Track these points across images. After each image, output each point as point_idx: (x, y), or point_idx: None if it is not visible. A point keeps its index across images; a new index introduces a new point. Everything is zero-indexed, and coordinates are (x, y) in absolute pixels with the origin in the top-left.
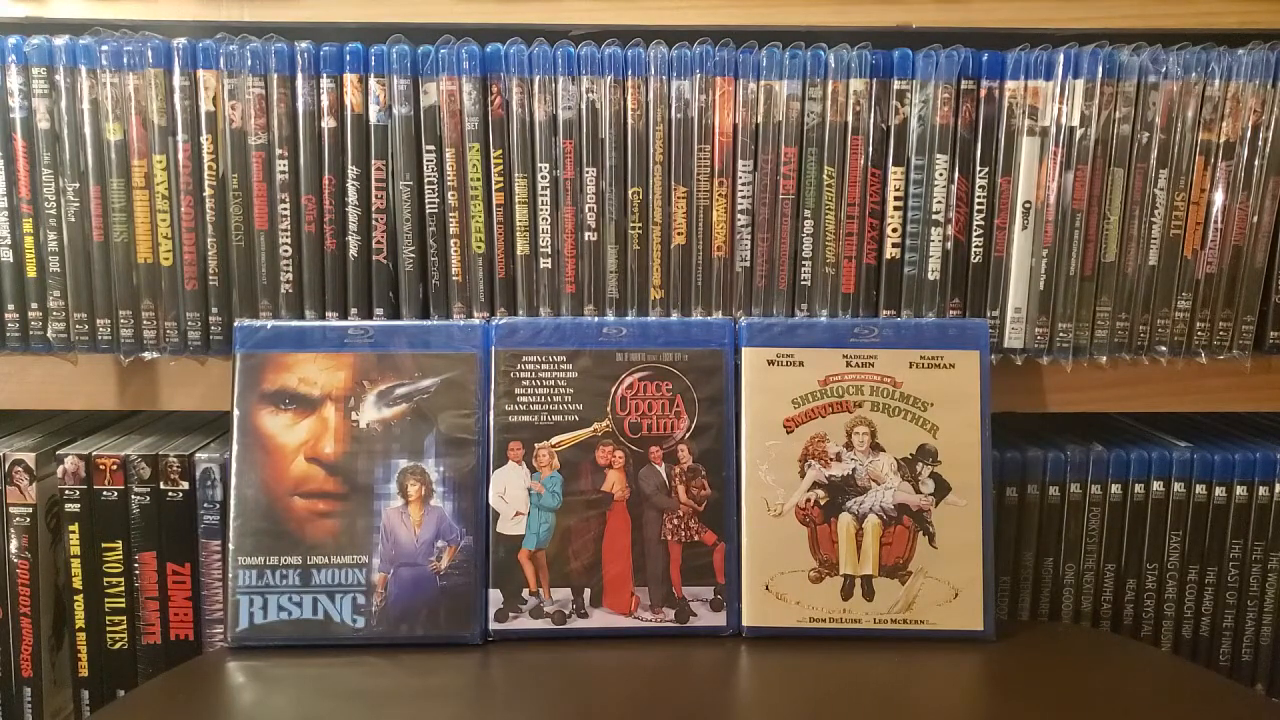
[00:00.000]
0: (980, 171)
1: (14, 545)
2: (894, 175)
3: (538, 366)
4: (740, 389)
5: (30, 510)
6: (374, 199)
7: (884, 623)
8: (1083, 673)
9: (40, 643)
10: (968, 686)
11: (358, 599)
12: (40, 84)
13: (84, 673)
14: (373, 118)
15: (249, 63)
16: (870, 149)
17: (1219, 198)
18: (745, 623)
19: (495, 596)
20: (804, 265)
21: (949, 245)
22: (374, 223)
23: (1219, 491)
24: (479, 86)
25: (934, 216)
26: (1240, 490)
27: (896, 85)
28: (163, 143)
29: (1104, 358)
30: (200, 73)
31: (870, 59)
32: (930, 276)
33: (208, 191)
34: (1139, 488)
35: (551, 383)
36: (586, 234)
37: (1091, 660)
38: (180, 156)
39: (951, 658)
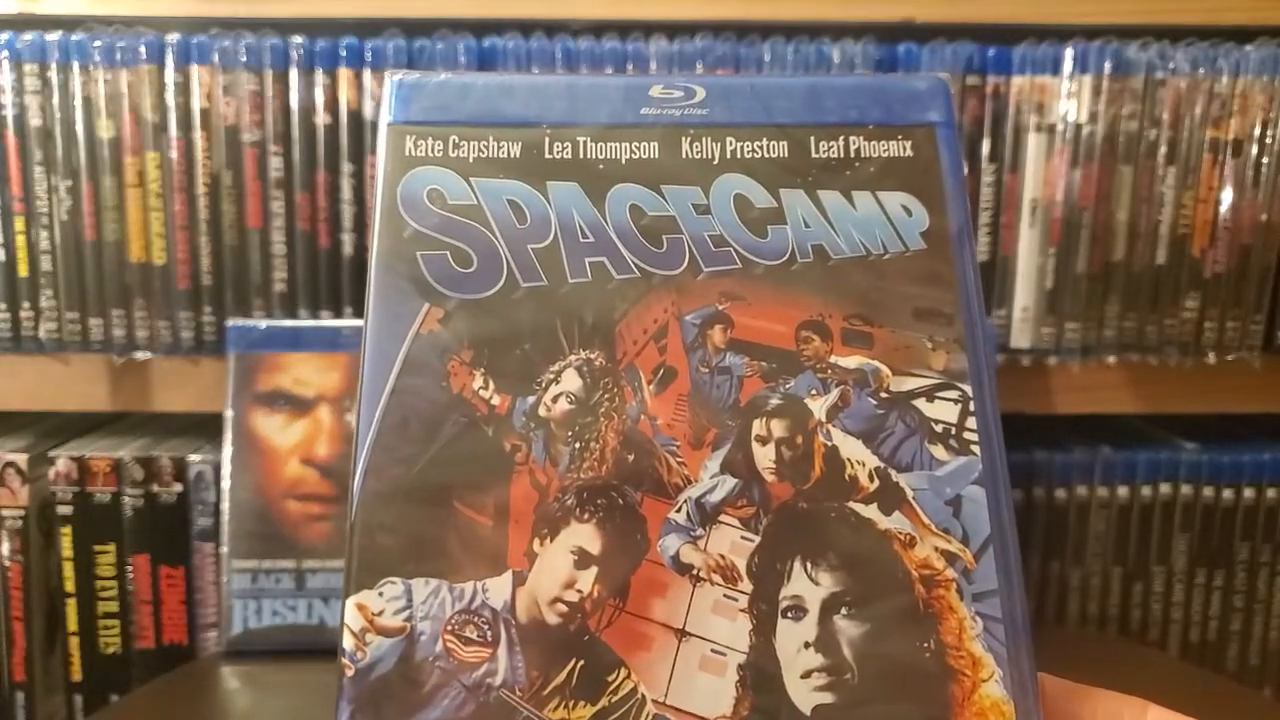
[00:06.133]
0: (987, 169)
1: (6, 548)
2: None
3: None
4: None
5: (22, 513)
6: (369, 196)
7: None
8: (1089, 677)
9: (33, 647)
10: None
11: None
12: (33, 80)
13: (76, 677)
14: (368, 113)
15: (242, 58)
16: None
17: (1227, 195)
18: None
19: None
20: None
21: None
22: (369, 221)
23: (1227, 494)
24: None
25: None
26: (1249, 492)
27: None
28: (155, 140)
29: (1112, 358)
30: (193, 68)
31: (875, 54)
32: None
33: (201, 189)
34: (1146, 490)
35: None
36: None
37: (1098, 664)
38: (173, 154)
39: None
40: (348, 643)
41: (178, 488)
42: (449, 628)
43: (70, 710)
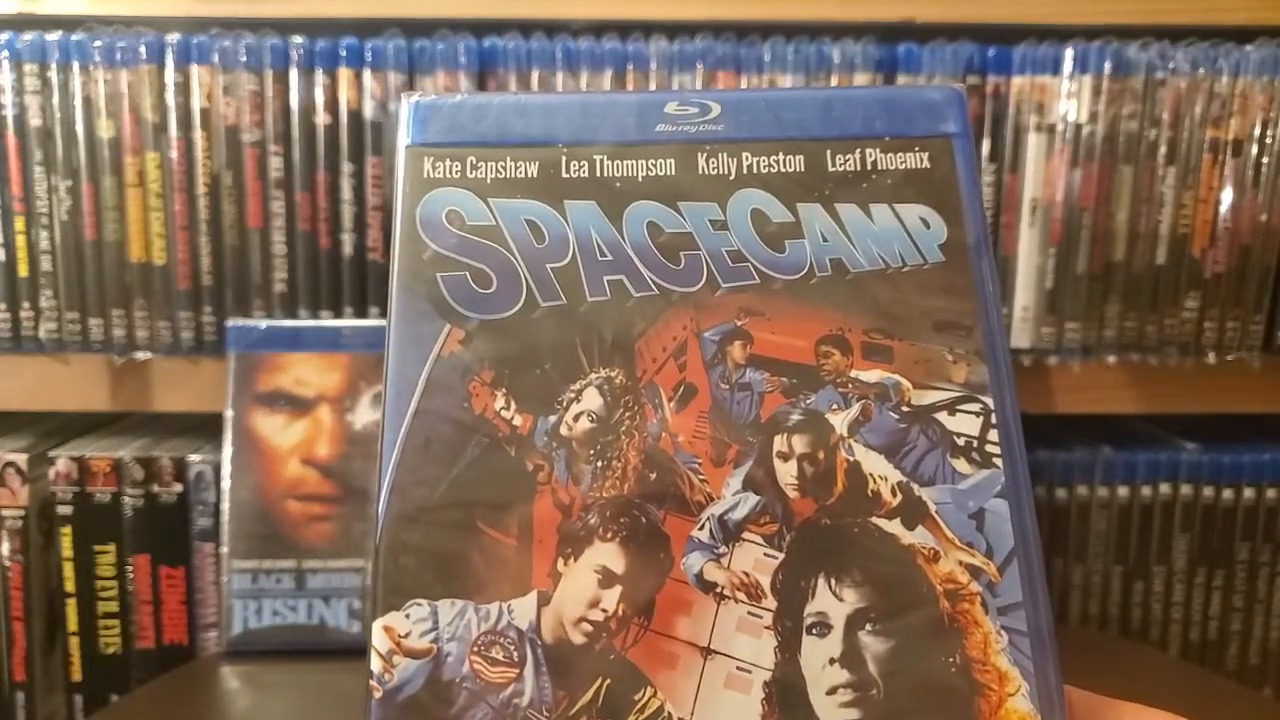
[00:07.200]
0: (987, 169)
1: (6, 548)
2: None
3: None
4: None
5: (22, 513)
6: (369, 196)
7: None
8: (1090, 676)
9: (33, 647)
10: None
11: (353, 604)
12: (33, 80)
13: (76, 677)
14: (368, 113)
15: (242, 58)
16: None
17: (1227, 196)
18: None
19: None
20: None
21: None
22: (369, 221)
23: (1227, 494)
24: (476, 81)
25: None
26: (1249, 492)
27: (902, 80)
28: (155, 140)
29: (1112, 358)
30: (193, 68)
31: (875, 54)
32: None
33: (201, 189)
34: (1146, 490)
35: None
36: None
37: (1099, 664)
38: (173, 154)
39: None
40: (375, 665)
41: (178, 488)
42: (475, 649)
43: (70, 710)
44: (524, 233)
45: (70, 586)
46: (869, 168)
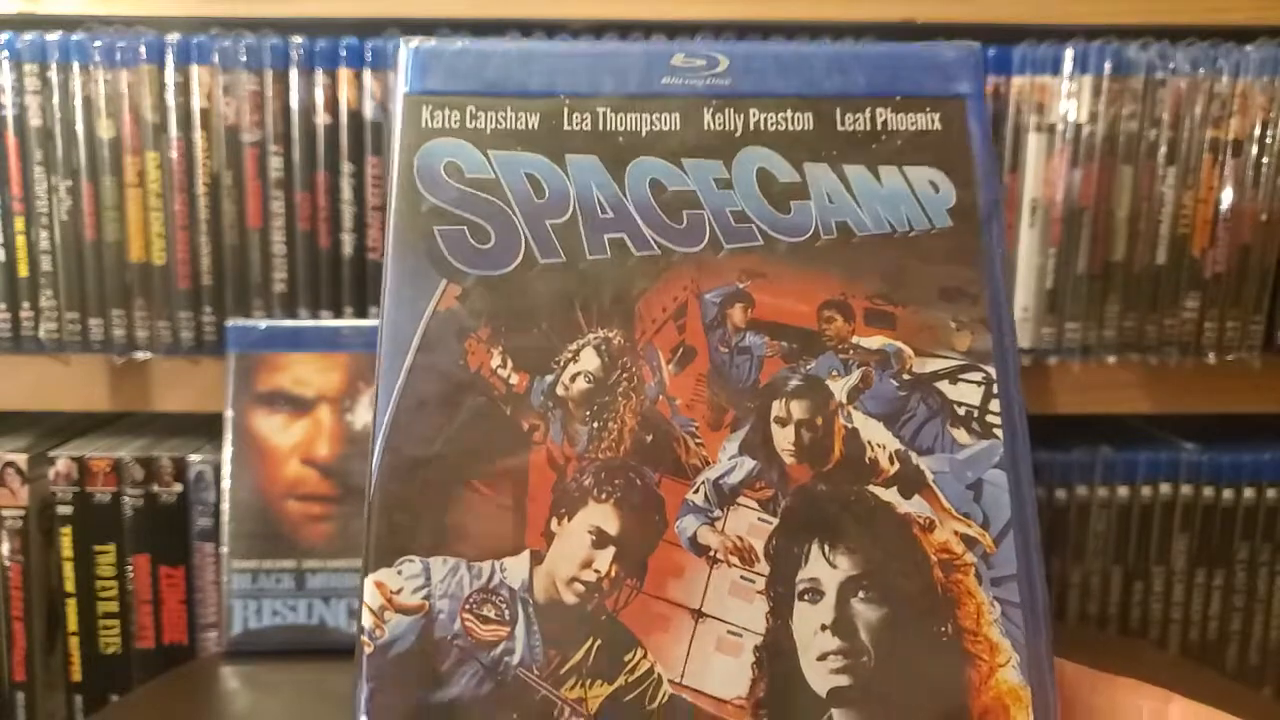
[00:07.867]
0: None
1: (6, 548)
2: None
3: None
4: None
5: (22, 513)
6: (369, 196)
7: None
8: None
9: (33, 647)
10: None
11: (353, 604)
12: (33, 80)
13: (76, 677)
14: (368, 113)
15: (242, 58)
16: None
17: (1227, 195)
18: None
19: None
20: None
21: None
22: (369, 220)
23: (1227, 494)
24: None
25: None
26: (1249, 492)
27: None
28: (155, 140)
29: (1112, 358)
30: (193, 68)
31: None
32: None
33: (200, 189)
34: (1146, 490)
35: None
36: None
37: (1098, 663)
38: (173, 154)
39: None
40: (366, 620)
41: (178, 488)
42: (467, 606)
43: (70, 710)
44: (524, 187)
45: (70, 586)
46: (879, 128)
